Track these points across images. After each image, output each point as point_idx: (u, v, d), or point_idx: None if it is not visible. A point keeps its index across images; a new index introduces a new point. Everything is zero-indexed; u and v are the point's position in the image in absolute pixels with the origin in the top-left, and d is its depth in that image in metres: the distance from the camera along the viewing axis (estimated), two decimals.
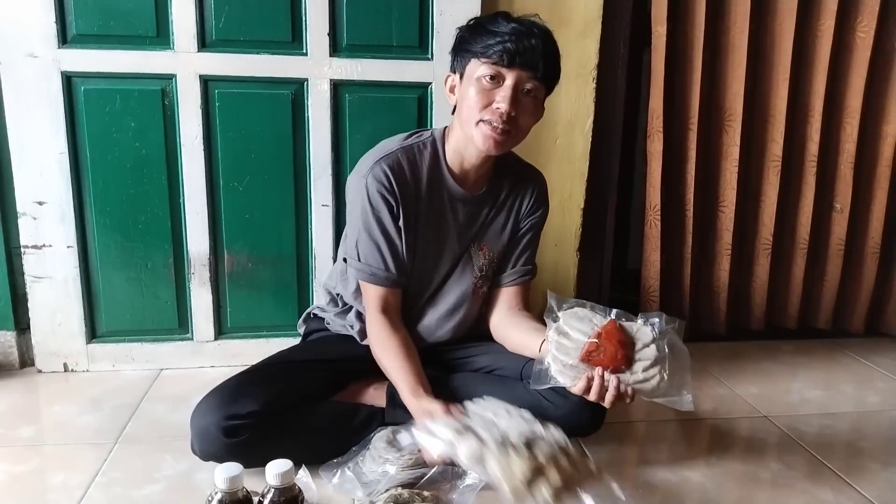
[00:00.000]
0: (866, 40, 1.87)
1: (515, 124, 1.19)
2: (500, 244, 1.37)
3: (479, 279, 1.36)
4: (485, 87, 1.17)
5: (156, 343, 1.70)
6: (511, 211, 1.36)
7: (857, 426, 1.54)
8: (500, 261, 1.38)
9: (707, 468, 1.32)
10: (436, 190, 1.29)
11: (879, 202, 2.01)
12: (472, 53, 1.18)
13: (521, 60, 1.14)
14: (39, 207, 1.58)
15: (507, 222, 1.36)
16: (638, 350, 1.08)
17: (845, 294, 2.10)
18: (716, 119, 1.92)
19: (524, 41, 1.14)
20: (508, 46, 1.14)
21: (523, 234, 1.38)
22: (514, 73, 1.16)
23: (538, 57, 1.15)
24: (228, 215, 1.66)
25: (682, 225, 1.95)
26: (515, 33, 1.14)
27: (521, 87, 1.17)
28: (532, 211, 1.37)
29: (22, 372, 1.68)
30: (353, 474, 1.19)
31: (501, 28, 1.15)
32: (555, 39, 1.21)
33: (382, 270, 1.28)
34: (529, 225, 1.38)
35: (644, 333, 1.10)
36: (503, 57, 1.14)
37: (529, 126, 1.23)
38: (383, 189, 1.24)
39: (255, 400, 1.18)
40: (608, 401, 1.06)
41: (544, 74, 1.18)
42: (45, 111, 1.53)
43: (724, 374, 1.80)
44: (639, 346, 1.08)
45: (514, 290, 1.38)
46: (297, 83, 1.61)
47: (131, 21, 1.52)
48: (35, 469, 1.26)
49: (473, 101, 1.18)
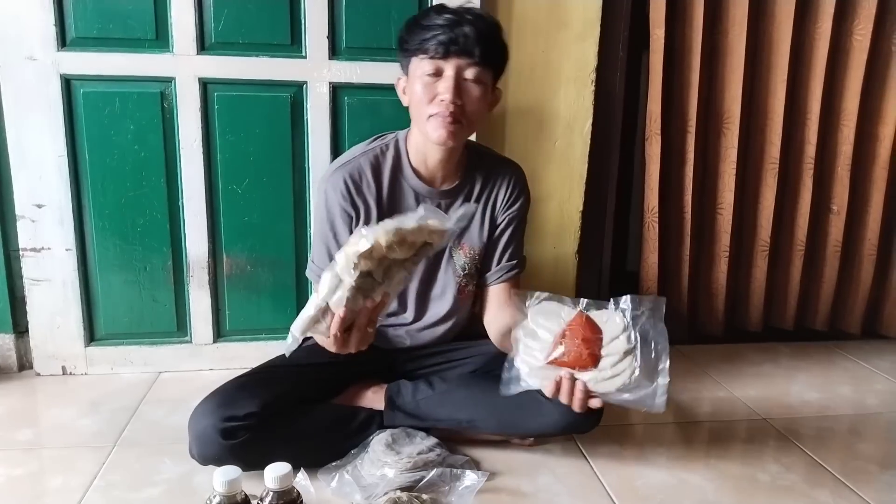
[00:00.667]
0: (863, 43, 1.88)
1: (464, 113, 1.19)
2: (480, 241, 1.36)
3: (462, 278, 1.36)
4: (427, 82, 1.18)
5: (154, 346, 1.70)
6: (487, 205, 1.35)
7: (855, 428, 1.54)
8: (483, 258, 1.37)
9: (706, 470, 1.32)
10: (400, 191, 1.31)
11: (876, 204, 2.02)
12: (410, 52, 1.20)
13: (457, 49, 1.15)
14: (38, 210, 1.58)
15: (483, 218, 1.35)
16: (606, 344, 1.03)
17: (842, 295, 2.10)
18: (714, 121, 1.93)
19: (457, 29, 1.15)
20: (442, 38, 1.15)
21: (503, 230, 1.36)
22: (452, 63, 1.17)
23: (473, 42, 1.15)
24: (227, 218, 1.66)
25: (681, 227, 1.96)
26: (448, 23, 1.16)
27: (462, 76, 1.18)
28: (509, 203, 1.36)
29: (20, 375, 1.68)
30: (352, 477, 1.19)
31: (434, 21, 1.17)
32: (493, 21, 1.22)
33: None
34: (508, 219, 1.36)
35: (613, 324, 1.04)
36: (438, 49, 1.15)
37: (482, 112, 1.23)
38: (340, 198, 1.28)
39: (253, 402, 1.18)
40: (577, 405, 1.04)
41: (484, 59, 1.18)
42: (44, 114, 1.53)
43: (722, 377, 1.80)
44: (606, 340, 1.03)
45: (501, 287, 1.37)
46: (296, 86, 1.62)
47: (130, 24, 1.52)
48: (33, 472, 1.26)
49: (420, 98, 1.20)
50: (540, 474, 1.28)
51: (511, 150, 1.78)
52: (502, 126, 1.77)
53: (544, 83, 1.76)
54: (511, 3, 1.69)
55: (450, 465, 1.23)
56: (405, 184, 1.31)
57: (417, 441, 1.26)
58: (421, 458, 1.21)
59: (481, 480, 1.19)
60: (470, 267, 1.36)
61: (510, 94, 1.75)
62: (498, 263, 1.36)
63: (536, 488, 1.24)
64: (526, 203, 1.39)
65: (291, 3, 1.57)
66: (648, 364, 1.01)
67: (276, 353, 1.42)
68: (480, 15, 1.20)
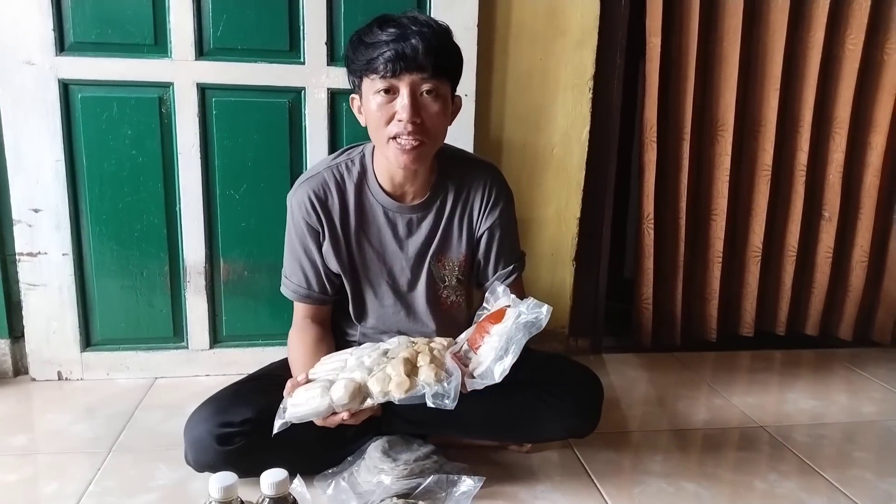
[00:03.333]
0: (855, 52, 1.90)
1: (425, 131, 1.13)
2: (459, 252, 1.31)
3: (443, 290, 1.33)
4: (382, 102, 1.12)
5: (150, 351, 1.70)
6: (463, 216, 1.30)
7: (851, 436, 1.55)
8: (469, 269, 1.34)
9: (703, 478, 1.32)
10: (366, 205, 1.27)
11: (868, 211, 2.03)
12: (360, 72, 1.14)
13: (407, 65, 1.09)
14: (35, 215, 1.57)
15: (461, 228, 1.30)
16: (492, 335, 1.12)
17: (834, 302, 2.12)
18: (708, 129, 1.94)
19: (404, 43, 1.08)
20: (389, 55, 1.08)
21: (490, 237, 1.31)
22: (405, 81, 1.10)
23: (423, 56, 1.09)
24: (225, 223, 1.66)
25: (675, 233, 1.97)
26: (393, 38, 1.09)
27: (417, 92, 1.12)
28: (488, 210, 1.30)
29: (16, 380, 1.67)
30: (348, 484, 1.19)
31: (378, 37, 1.10)
32: (442, 27, 1.14)
33: (304, 288, 1.30)
34: (491, 225, 1.30)
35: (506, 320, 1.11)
36: (388, 67, 1.09)
37: (443, 126, 1.18)
38: (304, 214, 1.26)
39: (249, 408, 1.18)
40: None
41: (437, 70, 1.11)
42: (42, 118, 1.53)
43: (718, 384, 1.80)
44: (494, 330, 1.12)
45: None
46: (294, 92, 1.62)
47: (129, 29, 1.53)
48: (28, 478, 1.26)
49: (377, 120, 1.14)
50: (537, 481, 1.28)
51: (509, 156, 1.78)
52: (500, 132, 1.78)
53: (542, 90, 1.77)
54: (509, 12, 1.70)
55: (446, 471, 1.23)
56: (373, 199, 1.27)
57: (414, 448, 1.25)
58: (417, 465, 1.20)
59: (477, 487, 1.19)
60: (450, 278, 1.33)
61: (508, 102, 1.76)
62: (495, 272, 1.34)
63: (534, 495, 1.24)
64: (508, 205, 1.33)
65: (290, 9, 1.58)
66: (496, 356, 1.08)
67: (273, 359, 1.42)
68: (426, 22, 1.12)
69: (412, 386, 1.03)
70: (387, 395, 1.03)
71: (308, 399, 1.05)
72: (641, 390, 1.76)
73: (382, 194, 1.27)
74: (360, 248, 1.29)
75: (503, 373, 1.05)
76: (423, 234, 1.29)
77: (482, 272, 1.36)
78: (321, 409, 1.05)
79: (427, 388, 1.02)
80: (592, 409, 1.29)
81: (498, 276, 1.34)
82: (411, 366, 1.06)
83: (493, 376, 1.05)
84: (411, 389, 1.02)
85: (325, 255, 1.29)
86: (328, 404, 1.04)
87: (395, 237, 1.29)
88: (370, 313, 1.33)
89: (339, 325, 1.38)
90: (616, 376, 1.84)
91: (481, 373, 1.07)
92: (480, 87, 1.70)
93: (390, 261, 1.30)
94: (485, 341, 1.11)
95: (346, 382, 1.05)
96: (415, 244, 1.29)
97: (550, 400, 1.26)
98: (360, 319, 1.35)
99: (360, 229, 1.28)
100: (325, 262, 1.29)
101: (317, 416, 1.06)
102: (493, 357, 1.07)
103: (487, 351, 1.09)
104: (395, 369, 1.05)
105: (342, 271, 1.29)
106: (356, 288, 1.32)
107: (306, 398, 1.06)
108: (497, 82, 1.74)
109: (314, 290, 1.30)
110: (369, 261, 1.30)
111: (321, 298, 1.32)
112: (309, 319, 1.32)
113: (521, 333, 1.06)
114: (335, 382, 1.06)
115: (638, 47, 1.88)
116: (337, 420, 1.07)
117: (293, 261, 1.31)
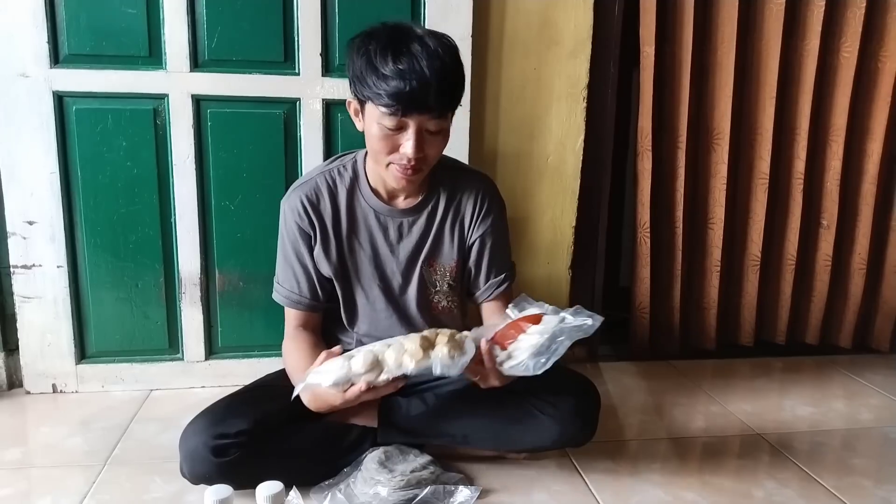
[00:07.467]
0: (850, 60, 1.91)
1: (425, 161, 1.17)
2: (451, 258, 1.33)
3: (434, 294, 1.34)
4: (387, 133, 1.12)
5: (146, 363, 1.69)
6: (455, 222, 1.32)
7: (849, 443, 1.54)
8: (461, 276, 1.35)
9: (701, 487, 1.32)
10: (358, 211, 1.29)
11: (865, 218, 2.03)
12: (366, 95, 1.12)
13: (418, 107, 1.09)
14: (29, 227, 1.57)
15: (453, 234, 1.32)
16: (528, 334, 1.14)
17: (833, 309, 2.12)
18: (704, 137, 1.94)
19: (415, 83, 1.06)
20: (402, 96, 1.07)
21: (482, 246, 1.33)
22: (413, 120, 1.11)
23: (434, 97, 1.08)
24: (220, 234, 1.66)
25: (672, 242, 1.97)
26: (406, 77, 1.06)
27: (424, 129, 1.13)
28: (481, 218, 1.32)
29: (10, 393, 1.66)
30: (345, 496, 1.18)
31: (391, 69, 1.07)
32: (450, 58, 1.11)
33: (296, 294, 1.32)
34: (483, 233, 1.32)
35: (544, 324, 1.14)
36: (398, 108, 1.08)
37: (440, 153, 1.20)
38: (297, 218, 1.28)
39: (245, 419, 1.17)
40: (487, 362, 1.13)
41: (446, 109, 1.13)
42: (37, 131, 1.53)
43: (716, 392, 1.80)
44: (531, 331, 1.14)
45: (494, 304, 1.36)
46: (289, 103, 1.62)
47: (124, 41, 1.53)
48: (22, 492, 1.25)
49: (379, 145, 1.14)
50: (535, 491, 1.28)
51: (504, 166, 1.79)
52: (495, 142, 1.78)
53: (536, 100, 1.78)
54: (503, 22, 1.71)
55: (443, 482, 1.22)
56: (364, 203, 1.29)
57: (411, 459, 1.25)
58: (414, 476, 1.20)
59: (474, 497, 1.19)
60: (441, 284, 1.34)
61: (502, 111, 1.76)
62: (486, 281, 1.35)
63: None
64: (500, 214, 1.34)
65: (285, 21, 1.58)
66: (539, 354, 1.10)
67: (269, 370, 1.42)
68: (440, 55, 1.09)
69: (425, 357, 1.06)
70: (401, 367, 1.07)
71: (330, 369, 1.09)
72: (638, 399, 1.76)
73: (374, 198, 1.28)
74: (352, 252, 1.30)
75: (543, 365, 1.07)
76: (414, 237, 1.31)
77: (473, 281, 1.37)
78: (339, 376, 1.07)
79: (437, 360, 1.06)
80: (589, 417, 1.29)
81: (489, 286, 1.35)
82: (429, 343, 1.09)
83: (530, 368, 1.08)
84: (423, 360, 1.06)
85: (317, 259, 1.30)
86: (345, 373, 1.07)
87: (387, 240, 1.30)
88: (362, 318, 1.34)
89: (334, 333, 1.38)
90: (613, 385, 1.84)
91: (512, 366, 1.10)
92: (475, 98, 1.71)
93: (382, 264, 1.31)
94: (519, 339, 1.13)
95: (365, 353, 1.09)
96: (406, 248, 1.31)
97: (547, 409, 1.26)
98: (353, 324, 1.35)
99: (351, 232, 1.29)
100: (317, 266, 1.30)
101: (335, 385, 1.08)
102: (532, 353, 1.09)
103: (525, 347, 1.11)
104: (412, 343, 1.09)
105: (333, 275, 1.30)
106: (347, 292, 1.32)
107: (328, 368, 1.09)
108: (491, 92, 1.75)
109: (305, 296, 1.31)
110: (361, 264, 1.31)
111: (312, 304, 1.32)
112: (301, 328, 1.33)
113: (564, 335, 1.09)
114: (355, 355, 1.10)
115: (632, 56, 1.89)
116: (356, 392, 1.08)
117: (285, 266, 1.32)
